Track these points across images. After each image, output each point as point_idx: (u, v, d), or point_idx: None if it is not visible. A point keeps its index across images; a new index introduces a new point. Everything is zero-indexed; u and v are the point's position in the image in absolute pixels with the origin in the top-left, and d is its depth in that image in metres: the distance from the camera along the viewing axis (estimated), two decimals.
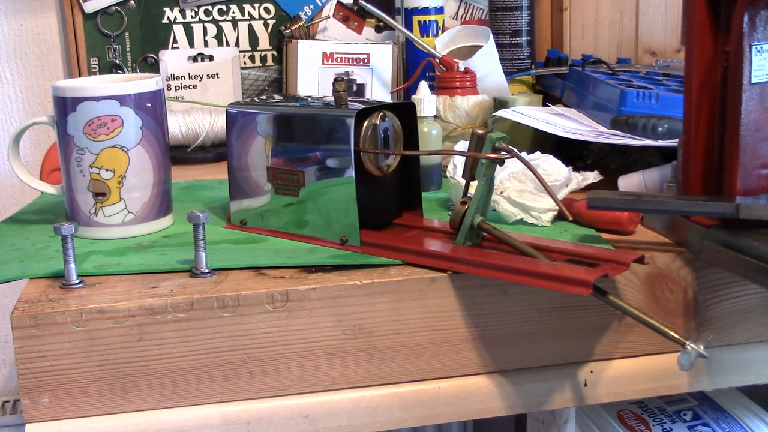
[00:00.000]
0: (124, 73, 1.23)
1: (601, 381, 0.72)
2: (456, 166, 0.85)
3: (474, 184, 0.70)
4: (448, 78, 1.02)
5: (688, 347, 0.59)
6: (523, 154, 0.74)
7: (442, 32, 1.19)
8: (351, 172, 0.73)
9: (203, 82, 1.25)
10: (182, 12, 1.25)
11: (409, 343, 0.68)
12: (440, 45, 1.14)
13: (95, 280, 0.68)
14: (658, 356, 0.73)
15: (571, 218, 0.77)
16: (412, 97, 0.93)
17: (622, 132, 0.90)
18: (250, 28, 1.28)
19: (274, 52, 1.29)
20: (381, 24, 1.30)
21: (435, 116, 0.95)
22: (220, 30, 1.27)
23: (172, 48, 1.25)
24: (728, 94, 0.67)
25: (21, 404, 0.70)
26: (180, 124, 1.17)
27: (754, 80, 0.66)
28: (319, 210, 0.75)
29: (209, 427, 0.66)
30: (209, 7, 1.26)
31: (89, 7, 1.21)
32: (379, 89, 1.24)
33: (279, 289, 0.65)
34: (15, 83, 1.25)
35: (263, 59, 1.29)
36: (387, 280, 0.67)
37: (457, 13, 1.33)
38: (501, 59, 1.14)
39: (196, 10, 1.25)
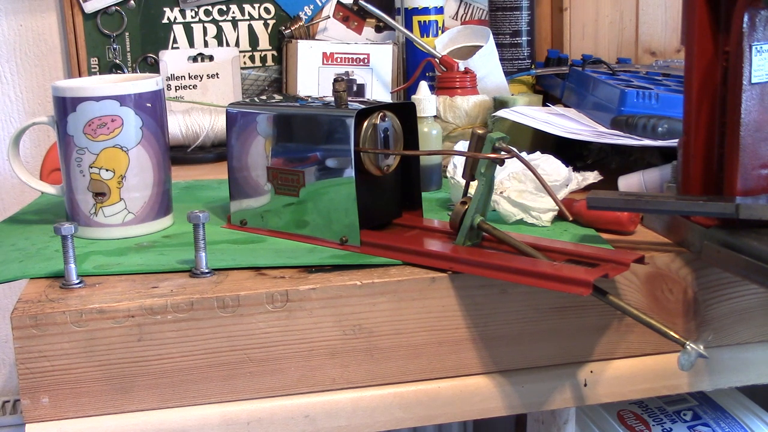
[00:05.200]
0: (124, 73, 1.23)
1: (601, 381, 0.72)
2: (456, 166, 0.85)
3: (474, 184, 0.70)
4: (448, 78, 1.02)
5: (688, 347, 0.59)
6: (523, 154, 0.75)
7: (442, 32, 1.19)
8: (351, 172, 0.73)
9: (203, 82, 1.25)
10: (182, 12, 1.25)
11: (409, 343, 0.68)
12: (440, 45, 1.15)
13: (95, 280, 0.68)
14: (658, 356, 0.73)
15: (571, 218, 0.77)
16: (412, 97, 0.93)
17: (622, 132, 0.90)
18: (250, 28, 1.28)
19: (274, 52, 1.29)
20: (381, 24, 1.30)
21: (435, 116, 0.95)
22: (220, 30, 1.27)
23: (172, 48, 1.25)
24: (728, 94, 0.67)
25: (21, 404, 0.70)
26: (180, 124, 1.17)
27: (754, 80, 0.66)
28: (319, 210, 0.75)
29: (209, 427, 0.66)
30: (209, 7, 1.26)
31: (89, 7, 1.22)
32: (379, 89, 1.24)
33: (279, 289, 0.65)
34: (15, 83, 1.25)
35: (263, 59, 1.29)
36: (387, 280, 0.67)
37: (457, 13, 1.33)
38: (501, 59, 1.14)
39: (196, 10, 1.25)
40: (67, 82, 0.83)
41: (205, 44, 1.26)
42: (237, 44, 1.27)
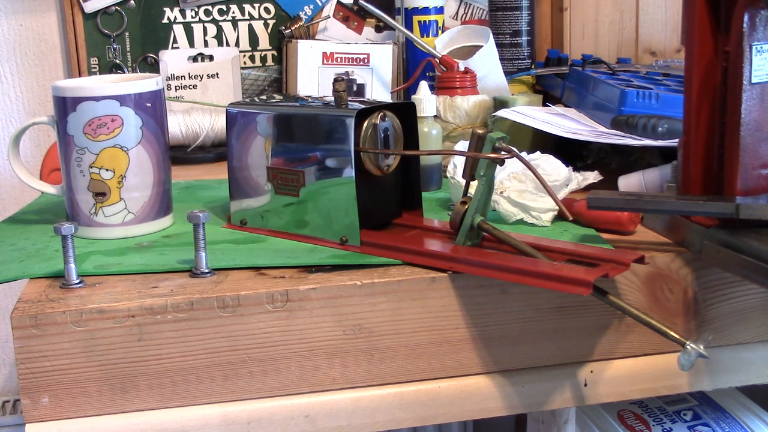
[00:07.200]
0: (124, 73, 1.23)
1: (601, 381, 0.72)
2: (456, 166, 0.85)
3: (474, 184, 0.70)
4: (448, 78, 1.02)
5: (688, 347, 0.59)
6: (523, 154, 0.74)
7: (442, 32, 1.19)
8: (351, 172, 0.73)
9: (203, 82, 1.25)
10: (182, 12, 1.25)
11: (409, 343, 0.68)
12: (440, 45, 1.14)
13: (95, 280, 0.68)
14: (658, 356, 0.73)
15: (571, 218, 0.77)
16: (412, 97, 0.93)
17: (622, 132, 0.90)
18: (250, 28, 1.28)
19: (274, 52, 1.29)
20: (381, 24, 1.30)
21: (435, 116, 0.95)
22: (220, 30, 1.27)
23: (172, 48, 1.25)
24: (728, 94, 0.67)
25: (21, 404, 0.70)
26: (180, 124, 1.17)
27: (754, 80, 0.66)
28: (319, 210, 0.75)
29: (209, 427, 0.66)
30: (209, 7, 1.26)
31: (89, 7, 1.22)
32: (379, 89, 1.24)
33: (279, 289, 0.65)
34: (15, 83, 1.25)
35: (263, 59, 1.29)
36: (387, 280, 0.67)
37: (457, 13, 1.33)
38: (501, 59, 1.14)
39: (196, 10, 1.25)
40: (67, 81, 0.83)
41: (205, 44, 1.26)
42: (237, 44, 1.27)
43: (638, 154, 0.97)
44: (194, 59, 1.25)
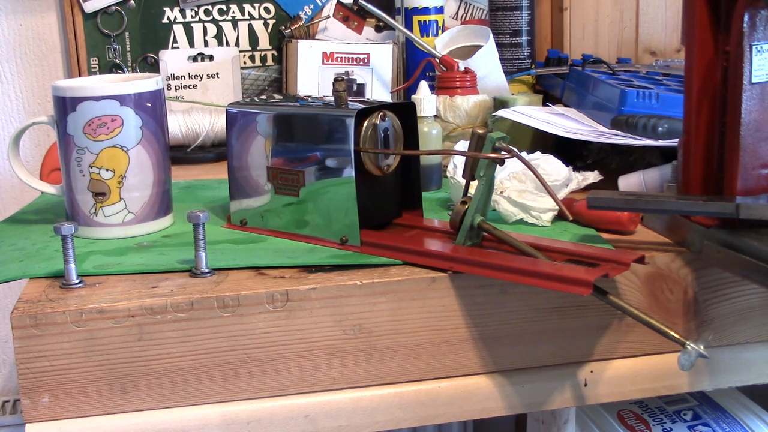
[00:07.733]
0: (124, 73, 1.23)
1: (601, 381, 0.72)
2: (456, 166, 0.85)
3: (474, 184, 0.70)
4: (448, 78, 1.02)
5: (688, 347, 0.59)
6: (523, 154, 0.74)
7: (442, 32, 1.19)
8: (351, 172, 0.73)
9: (203, 82, 1.25)
10: (182, 12, 1.25)
11: (409, 343, 0.68)
12: (440, 45, 1.14)
13: (95, 280, 0.68)
14: (658, 356, 0.73)
15: (571, 218, 0.77)
16: (412, 97, 0.93)
17: (622, 132, 0.90)
18: (250, 28, 1.28)
19: (274, 52, 1.29)
20: (381, 24, 1.30)
21: (435, 116, 0.95)
22: (220, 30, 1.27)
23: (172, 48, 1.25)
24: (728, 94, 0.67)
25: (21, 404, 0.70)
26: (180, 124, 1.17)
27: (754, 80, 0.66)
28: (319, 210, 0.75)
29: (209, 427, 0.66)
30: (209, 7, 1.26)
31: (89, 7, 1.21)
32: (379, 89, 1.24)
33: (279, 289, 0.65)
34: (15, 83, 1.25)
35: (263, 59, 1.29)
36: (387, 280, 0.67)
37: (457, 13, 1.33)
38: (501, 59, 1.14)
39: (196, 9, 1.25)
40: (67, 81, 0.83)
41: (205, 44, 1.26)
42: (237, 44, 1.27)
43: (638, 154, 0.97)
44: (194, 59, 1.25)
